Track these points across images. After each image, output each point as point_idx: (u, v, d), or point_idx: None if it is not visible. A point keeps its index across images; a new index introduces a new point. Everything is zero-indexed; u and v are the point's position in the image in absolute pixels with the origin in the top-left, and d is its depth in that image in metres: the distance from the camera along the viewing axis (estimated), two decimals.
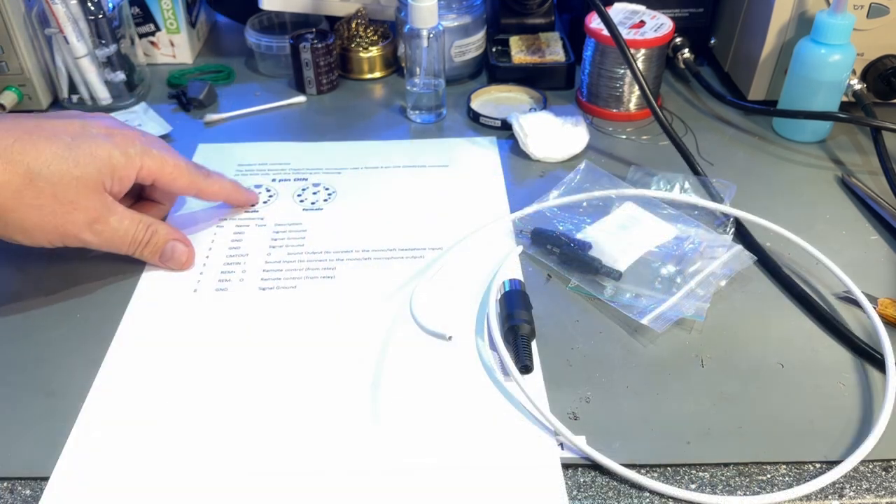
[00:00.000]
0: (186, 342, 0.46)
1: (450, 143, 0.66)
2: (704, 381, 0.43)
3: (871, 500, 0.38)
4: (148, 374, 0.44)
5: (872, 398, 0.42)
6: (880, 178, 0.60)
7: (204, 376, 0.44)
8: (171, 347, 0.46)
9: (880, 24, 0.63)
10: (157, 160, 0.48)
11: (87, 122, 0.47)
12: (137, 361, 0.45)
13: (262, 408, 0.42)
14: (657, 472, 0.39)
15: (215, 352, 0.45)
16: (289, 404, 0.42)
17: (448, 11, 0.69)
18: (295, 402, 0.42)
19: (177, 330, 0.47)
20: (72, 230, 0.45)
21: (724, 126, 0.68)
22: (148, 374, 0.44)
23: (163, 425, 0.41)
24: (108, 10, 0.66)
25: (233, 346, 0.46)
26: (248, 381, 0.43)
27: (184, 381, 0.43)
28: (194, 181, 0.51)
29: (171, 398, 0.42)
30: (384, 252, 0.53)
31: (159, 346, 0.46)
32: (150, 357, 0.45)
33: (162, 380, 0.44)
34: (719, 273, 0.49)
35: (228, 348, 0.46)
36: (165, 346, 0.46)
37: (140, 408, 0.42)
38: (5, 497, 0.38)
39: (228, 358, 0.45)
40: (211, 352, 0.45)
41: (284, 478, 0.38)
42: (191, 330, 0.47)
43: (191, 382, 0.43)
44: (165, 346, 0.46)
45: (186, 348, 0.46)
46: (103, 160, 0.45)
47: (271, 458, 0.39)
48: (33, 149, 0.43)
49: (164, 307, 0.48)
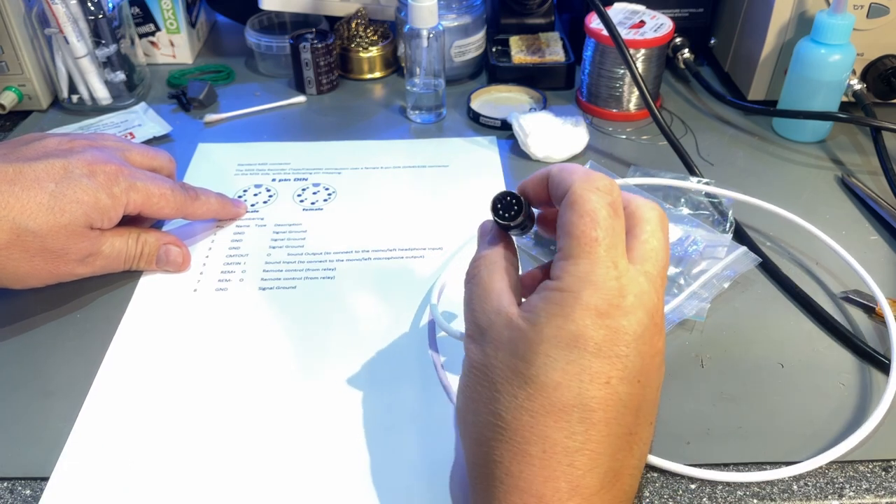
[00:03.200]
0: (186, 342, 0.46)
1: (450, 143, 0.66)
2: (704, 381, 0.43)
3: (871, 500, 0.38)
4: (148, 374, 0.44)
5: (873, 399, 0.42)
6: (880, 178, 0.60)
7: (204, 376, 0.44)
8: (171, 347, 0.46)
9: (880, 24, 0.63)
10: (143, 193, 0.47)
11: (68, 162, 0.45)
12: (137, 361, 0.45)
13: (262, 408, 0.42)
14: (657, 473, 0.39)
15: (215, 352, 0.45)
16: (289, 404, 0.42)
17: (448, 11, 0.69)
18: (295, 402, 0.42)
19: (177, 330, 0.47)
20: (65, 269, 0.45)
21: (724, 126, 0.68)
22: (148, 374, 0.44)
23: (162, 425, 0.41)
24: (108, 10, 0.66)
25: (233, 345, 0.46)
26: (247, 381, 0.43)
27: (184, 381, 0.43)
28: (181, 207, 0.50)
29: (170, 398, 0.42)
30: (384, 252, 0.53)
31: (159, 346, 0.46)
32: (150, 357, 0.45)
33: (162, 380, 0.44)
34: (722, 275, 0.49)
35: (228, 348, 0.46)
36: (165, 346, 0.46)
37: (140, 408, 0.42)
38: (5, 497, 0.38)
39: (228, 358, 0.45)
40: (211, 352, 0.45)
41: (284, 478, 0.38)
42: (191, 330, 0.47)
43: (191, 382, 0.43)
44: (165, 345, 0.46)
45: (186, 348, 0.46)
46: (90, 205, 0.44)
47: (271, 458, 0.39)
48: (17, 202, 0.42)
49: (164, 307, 0.48)
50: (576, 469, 0.28)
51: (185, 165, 0.62)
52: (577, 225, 0.30)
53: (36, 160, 0.44)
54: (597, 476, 0.29)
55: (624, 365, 0.29)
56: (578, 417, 0.28)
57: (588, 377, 0.29)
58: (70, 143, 0.48)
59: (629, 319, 0.29)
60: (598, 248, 0.30)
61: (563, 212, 0.31)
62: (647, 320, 0.30)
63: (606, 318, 0.29)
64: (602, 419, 0.29)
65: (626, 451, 0.30)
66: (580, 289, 0.29)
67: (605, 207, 0.30)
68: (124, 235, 0.48)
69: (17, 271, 0.43)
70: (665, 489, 0.38)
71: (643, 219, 0.33)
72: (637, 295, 0.30)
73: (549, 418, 0.28)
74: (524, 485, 0.29)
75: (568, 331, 0.29)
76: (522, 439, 0.29)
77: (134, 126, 0.67)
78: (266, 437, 0.40)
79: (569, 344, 0.29)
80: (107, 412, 0.42)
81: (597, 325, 0.29)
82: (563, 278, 0.30)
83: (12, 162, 0.44)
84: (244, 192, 0.59)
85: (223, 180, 0.60)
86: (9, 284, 0.45)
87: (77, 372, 0.44)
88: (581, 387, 0.28)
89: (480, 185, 0.60)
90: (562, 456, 0.28)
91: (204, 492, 0.38)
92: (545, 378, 0.29)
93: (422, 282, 0.50)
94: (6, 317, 0.48)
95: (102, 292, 0.49)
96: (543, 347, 0.29)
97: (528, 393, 0.29)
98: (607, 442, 0.29)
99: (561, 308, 0.29)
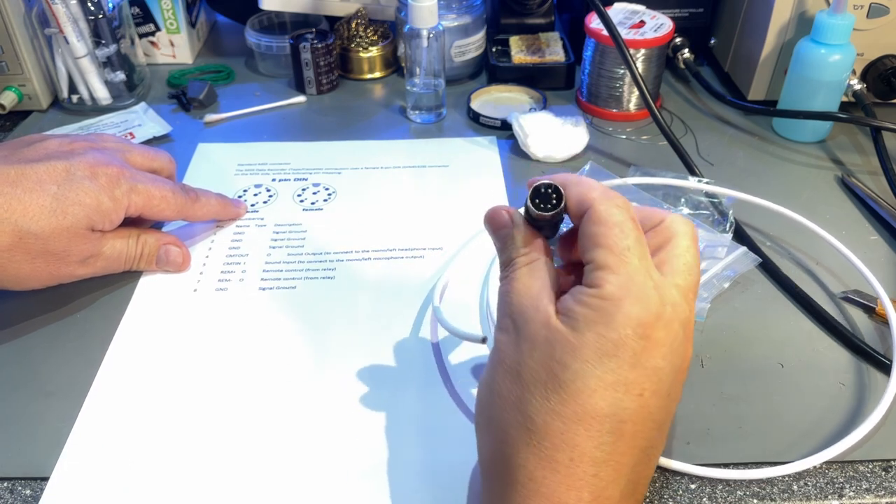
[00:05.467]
0: (186, 342, 0.46)
1: (450, 143, 0.66)
2: (704, 381, 0.43)
3: (871, 500, 0.38)
4: (148, 373, 0.44)
5: (873, 399, 0.42)
6: (880, 178, 0.60)
7: (204, 376, 0.44)
8: (171, 347, 0.46)
9: (880, 24, 0.63)
10: (144, 195, 0.47)
11: (70, 164, 0.45)
12: (137, 361, 0.45)
13: (262, 408, 0.42)
14: (657, 473, 0.39)
15: (215, 352, 0.45)
16: (289, 404, 0.42)
17: (448, 11, 0.69)
18: (295, 402, 0.42)
19: (177, 330, 0.47)
20: (65, 271, 0.45)
21: (724, 126, 0.68)
22: (148, 374, 0.44)
23: (163, 425, 0.41)
24: (108, 10, 0.66)
25: (232, 346, 0.46)
26: (247, 381, 0.43)
27: (183, 381, 0.43)
28: (182, 209, 0.50)
29: (170, 398, 0.42)
30: (384, 252, 0.53)
31: (159, 346, 0.46)
32: (149, 357, 0.45)
33: (162, 379, 0.43)
34: (722, 275, 0.49)
35: (228, 348, 0.46)
36: (165, 346, 0.46)
37: (140, 408, 0.42)
38: (5, 497, 0.38)
39: (228, 358, 0.45)
40: (211, 352, 0.45)
41: (285, 478, 0.38)
42: (191, 330, 0.47)
43: (190, 382, 0.43)
44: (165, 346, 0.46)
45: (186, 348, 0.46)
46: (92, 207, 0.44)
47: (271, 458, 0.39)
48: (19, 204, 0.42)
49: (164, 307, 0.48)
50: (600, 480, 0.28)
51: (185, 165, 0.62)
52: (608, 236, 0.30)
53: (37, 162, 0.44)
54: (618, 487, 0.29)
55: (659, 378, 0.29)
56: (609, 428, 0.28)
57: (624, 388, 0.28)
58: (71, 144, 0.48)
59: (667, 331, 0.29)
60: (632, 257, 0.29)
61: (589, 226, 0.31)
62: (682, 334, 0.30)
63: (648, 328, 0.29)
64: (631, 431, 0.29)
65: (644, 464, 0.30)
66: (622, 297, 0.29)
67: (629, 221, 0.30)
68: (125, 236, 0.48)
69: (18, 273, 0.43)
70: (665, 489, 0.38)
71: (679, 233, 0.33)
72: (673, 306, 0.30)
73: (581, 426, 0.28)
74: (546, 491, 0.28)
75: (609, 339, 0.28)
76: (551, 445, 0.28)
77: (134, 126, 0.67)
78: (266, 437, 0.40)
79: (608, 352, 0.28)
80: (107, 412, 0.42)
81: (637, 336, 0.28)
82: (604, 287, 0.29)
83: (14, 164, 0.44)
84: (244, 192, 0.59)
85: (223, 180, 0.60)
86: (10, 286, 0.45)
87: (77, 372, 0.44)
88: (616, 397, 0.28)
89: (480, 185, 0.60)
90: (588, 465, 0.28)
91: (204, 492, 0.38)
92: (581, 385, 0.28)
93: (422, 282, 0.50)
94: (6, 317, 0.48)
95: (102, 293, 0.49)
96: (582, 353, 0.28)
97: (562, 398, 0.28)
98: (631, 454, 0.29)
99: (602, 316, 0.29)
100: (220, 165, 0.62)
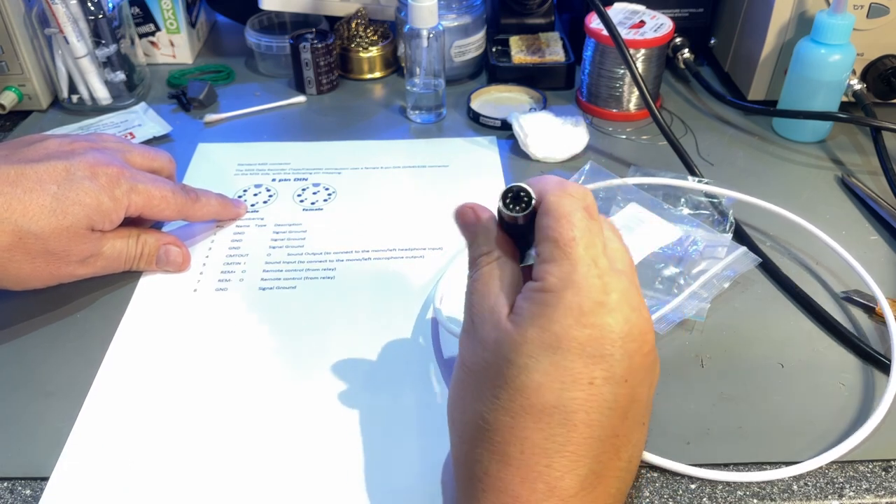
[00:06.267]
0: (186, 342, 0.46)
1: (450, 143, 0.66)
2: (704, 381, 0.43)
3: (871, 500, 0.38)
4: (148, 373, 0.44)
5: (873, 399, 0.42)
6: (880, 178, 0.60)
7: (203, 376, 0.44)
8: (171, 347, 0.46)
9: (880, 24, 0.63)
10: (144, 195, 0.47)
11: (70, 164, 0.45)
12: (137, 361, 0.45)
13: (262, 408, 0.42)
14: (657, 473, 0.39)
15: (215, 352, 0.45)
16: (289, 404, 0.42)
17: (448, 11, 0.69)
18: (295, 402, 0.42)
19: (177, 330, 0.47)
20: (66, 271, 0.45)
21: (724, 126, 0.68)
22: (148, 374, 0.44)
23: (162, 425, 0.41)
24: (108, 10, 0.66)
25: (232, 346, 0.46)
26: (247, 381, 0.43)
27: (183, 381, 0.43)
28: (182, 209, 0.50)
29: (170, 398, 0.42)
30: (384, 252, 0.53)
31: (159, 346, 0.46)
32: (149, 357, 0.45)
33: (162, 379, 0.43)
34: (722, 275, 0.49)
35: (228, 348, 0.46)
36: (165, 346, 0.46)
37: (140, 408, 0.42)
38: (5, 497, 0.38)
39: (228, 358, 0.45)
40: (210, 352, 0.45)
41: (284, 478, 0.38)
42: (191, 330, 0.47)
43: (190, 382, 0.43)
44: (165, 345, 0.46)
45: (186, 348, 0.46)
46: (92, 207, 0.44)
47: (271, 458, 0.39)
48: (19, 204, 0.42)
49: (164, 307, 0.48)
50: (554, 470, 0.28)
51: (185, 165, 0.62)
52: (555, 228, 0.30)
53: (37, 162, 0.44)
54: (576, 478, 0.29)
55: (609, 365, 0.29)
56: (559, 420, 0.28)
57: (570, 378, 0.28)
58: (71, 144, 0.48)
59: (614, 317, 0.29)
60: (577, 247, 0.30)
61: (539, 219, 0.31)
62: (635, 318, 0.30)
63: (591, 316, 0.29)
64: (584, 421, 0.29)
65: (610, 454, 0.30)
66: (563, 288, 0.29)
67: (579, 210, 0.30)
68: (125, 236, 0.48)
69: (18, 273, 0.43)
70: (665, 489, 0.38)
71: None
72: (621, 292, 0.30)
73: (529, 420, 0.28)
74: (501, 485, 0.29)
75: (551, 332, 0.29)
76: (502, 440, 0.29)
77: (134, 126, 0.67)
78: (265, 437, 0.40)
79: (552, 345, 0.29)
80: (107, 412, 0.42)
81: (580, 325, 0.29)
82: (546, 279, 0.30)
83: (14, 164, 0.44)
84: (244, 192, 0.59)
85: (223, 180, 0.60)
86: (10, 286, 0.45)
87: (77, 372, 0.44)
88: (562, 388, 0.28)
89: (480, 185, 0.60)
90: (540, 457, 0.28)
91: (204, 492, 0.38)
92: (526, 380, 0.29)
93: (422, 282, 0.50)
94: (6, 317, 0.48)
95: (102, 293, 0.49)
96: (526, 349, 0.29)
97: (510, 394, 0.29)
98: (588, 444, 0.29)
99: (543, 309, 0.29)
100: (220, 165, 0.62)
